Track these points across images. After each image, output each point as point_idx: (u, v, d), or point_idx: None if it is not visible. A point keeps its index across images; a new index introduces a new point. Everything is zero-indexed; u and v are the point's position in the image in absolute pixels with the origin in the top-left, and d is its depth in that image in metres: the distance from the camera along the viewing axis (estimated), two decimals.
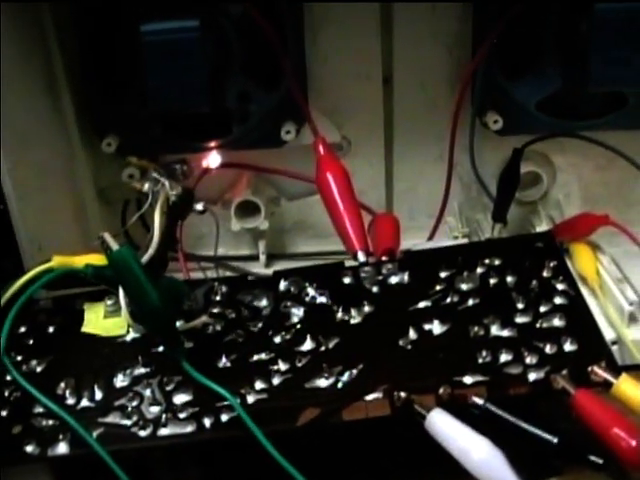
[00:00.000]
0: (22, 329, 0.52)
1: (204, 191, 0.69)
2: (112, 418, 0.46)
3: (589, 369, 0.45)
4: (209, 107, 0.62)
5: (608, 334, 0.58)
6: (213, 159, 0.69)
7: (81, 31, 0.65)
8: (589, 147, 0.68)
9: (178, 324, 0.48)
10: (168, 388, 0.47)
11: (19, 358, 0.50)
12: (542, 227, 0.70)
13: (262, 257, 0.74)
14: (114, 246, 0.44)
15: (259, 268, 0.74)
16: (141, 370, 0.49)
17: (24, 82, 0.62)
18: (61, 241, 0.64)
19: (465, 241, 0.70)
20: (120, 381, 0.48)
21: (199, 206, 0.49)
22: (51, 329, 0.52)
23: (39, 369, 0.50)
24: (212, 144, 0.68)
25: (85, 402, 0.47)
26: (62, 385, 0.48)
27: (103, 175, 0.71)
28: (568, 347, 0.47)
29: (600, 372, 0.45)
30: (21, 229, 0.58)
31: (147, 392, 0.47)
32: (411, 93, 0.70)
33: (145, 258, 0.46)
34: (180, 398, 0.47)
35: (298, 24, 0.65)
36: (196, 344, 0.49)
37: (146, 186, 0.48)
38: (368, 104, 0.71)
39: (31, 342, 0.52)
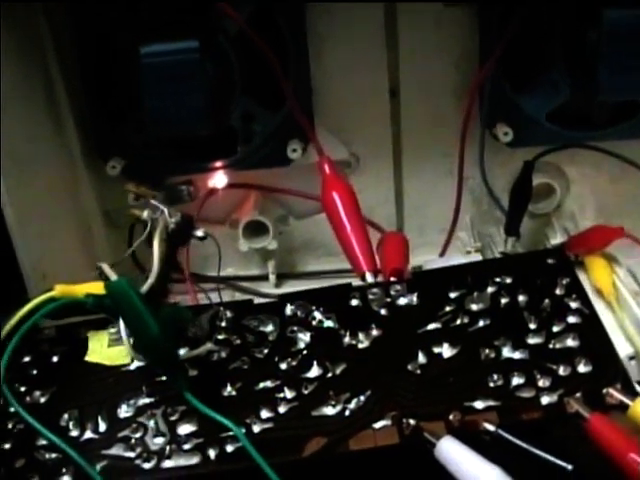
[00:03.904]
0: (26, 359, 0.51)
1: (211, 212, 0.69)
2: (116, 450, 0.45)
3: (604, 391, 0.44)
4: (211, 129, 0.62)
5: (625, 349, 0.57)
6: (219, 179, 0.69)
7: (82, 53, 0.64)
8: (602, 157, 0.67)
9: (182, 352, 0.48)
10: (172, 418, 0.46)
11: (23, 389, 0.49)
12: (556, 239, 0.69)
13: (272, 277, 0.73)
14: (112, 276, 0.44)
15: (269, 288, 0.73)
16: (145, 400, 0.47)
17: (25, 106, 0.61)
18: (67, 266, 0.64)
19: (478, 256, 0.69)
20: (124, 412, 0.47)
21: (199, 232, 0.48)
22: (55, 358, 0.51)
23: (42, 400, 0.49)
24: (218, 164, 0.68)
25: (89, 434, 0.46)
26: (66, 416, 0.47)
27: (108, 198, 0.71)
28: (582, 368, 0.45)
29: (615, 394, 0.43)
30: (24, 256, 0.58)
31: (151, 423, 0.46)
32: (418, 107, 0.69)
33: (145, 288, 0.45)
34: (184, 429, 0.46)
35: (301, 41, 0.64)
36: (201, 372, 0.48)
37: (145, 214, 0.47)
38: (375, 119, 0.70)
39: (35, 372, 0.51)
